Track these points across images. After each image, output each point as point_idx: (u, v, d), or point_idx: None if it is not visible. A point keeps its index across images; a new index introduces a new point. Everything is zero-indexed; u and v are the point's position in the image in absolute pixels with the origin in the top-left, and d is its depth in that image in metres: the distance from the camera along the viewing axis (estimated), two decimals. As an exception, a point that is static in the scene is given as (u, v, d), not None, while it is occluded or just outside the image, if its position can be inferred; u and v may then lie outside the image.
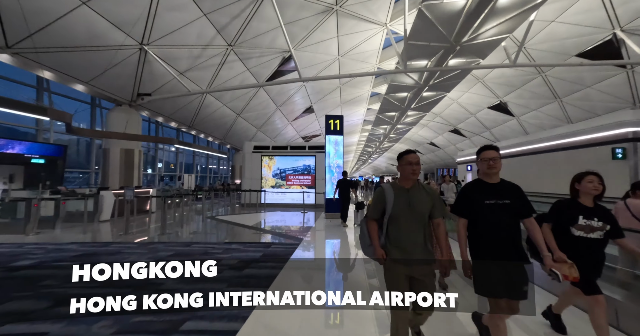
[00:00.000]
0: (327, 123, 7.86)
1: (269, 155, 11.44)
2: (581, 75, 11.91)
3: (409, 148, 2.52)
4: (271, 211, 9.85)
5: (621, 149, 8.18)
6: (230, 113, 15.51)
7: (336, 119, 7.99)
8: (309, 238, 5.29)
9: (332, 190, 7.82)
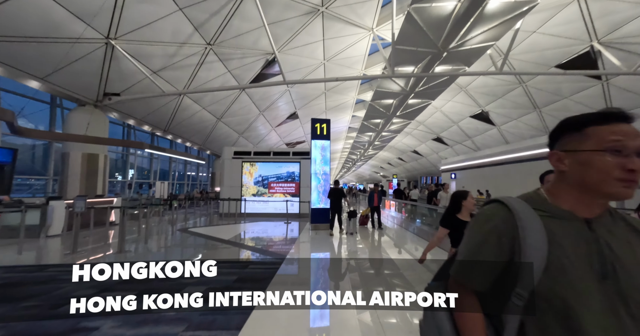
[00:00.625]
0: (313, 128, 7.34)
1: (250, 161, 10.71)
2: (559, 86, 12.18)
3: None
4: (252, 221, 9.05)
5: None
6: (210, 118, 14.67)
7: (323, 123, 7.49)
8: (293, 255, 4.65)
9: (318, 198, 7.23)
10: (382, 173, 46.11)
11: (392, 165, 38.73)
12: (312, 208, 7.26)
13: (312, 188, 7.22)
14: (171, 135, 15.07)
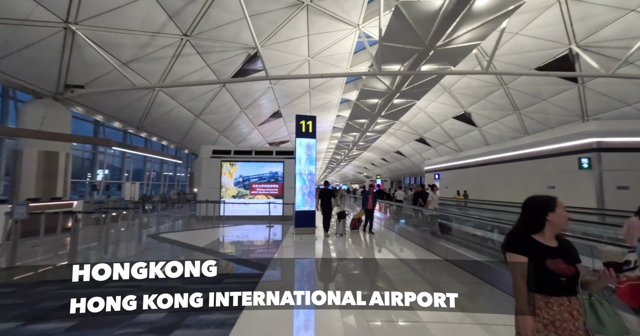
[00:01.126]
0: (297, 125, 6.87)
1: (230, 161, 10.05)
2: (539, 89, 12.42)
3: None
4: (232, 225, 8.42)
5: (587, 159, 8.34)
6: (187, 115, 13.82)
7: (308, 120, 7.03)
8: (275, 270, 4.04)
9: (303, 200, 6.77)
10: (366, 173, 46.30)
11: (375, 166, 38.90)
12: (297, 210, 6.79)
13: (297, 190, 6.76)
14: (145, 133, 14.07)
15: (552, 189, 9.38)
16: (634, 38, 8.63)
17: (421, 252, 5.52)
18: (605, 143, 8.26)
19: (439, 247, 5.18)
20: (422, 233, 6.39)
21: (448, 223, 6.16)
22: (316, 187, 26.90)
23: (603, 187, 7.92)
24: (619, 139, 8.18)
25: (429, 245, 5.60)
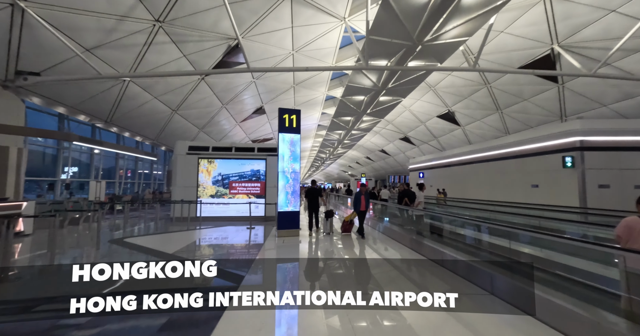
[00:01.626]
0: (280, 119, 6.36)
1: (208, 158, 9.40)
2: (521, 88, 12.55)
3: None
4: (209, 227, 7.79)
5: (570, 158, 8.40)
6: (163, 109, 12.92)
7: (292, 114, 6.54)
8: (255, 276, 3.53)
9: (286, 200, 6.29)
10: (350, 172, 46.28)
11: (360, 164, 38.90)
12: (280, 211, 6.30)
13: (279, 189, 6.27)
14: (117, 128, 13.03)
15: (536, 188, 9.45)
16: (612, 39, 8.77)
17: (406, 251, 5.40)
18: (587, 142, 8.36)
19: (425, 247, 5.03)
20: (408, 233, 6.25)
21: (439, 223, 5.89)
22: (301, 186, 26.34)
23: (585, 185, 8.01)
24: (600, 138, 8.29)
25: (415, 245, 5.46)
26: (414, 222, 6.54)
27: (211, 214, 9.01)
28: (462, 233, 4.92)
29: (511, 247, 3.41)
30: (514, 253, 3.42)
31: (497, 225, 3.94)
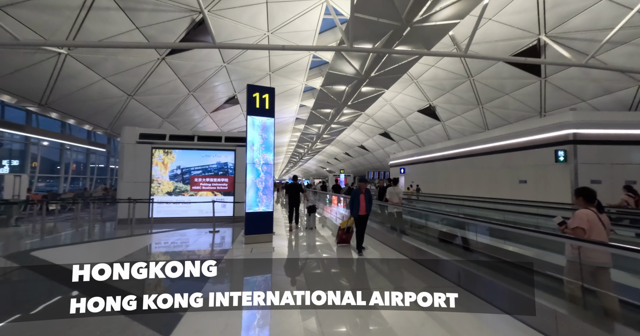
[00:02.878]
0: (249, 98, 5.10)
1: (164, 148, 7.94)
2: (503, 82, 12.21)
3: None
4: (161, 231, 6.36)
5: (563, 151, 7.98)
6: (116, 93, 11.06)
7: (264, 92, 5.30)
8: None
9: (255, 198, 5.10)
10: (329, 168, 45.50)
11: (338, 160, 38.18)
12: (248, 212, 5.10)
13: (248, 184, 5.06)
14: (57, 114, 10.97)
15: (524, 184, 9.03)
16: (600, 30, 8.44)
17: (386, 250, 5.08)
18: (581, 135, 7.98)
19: (403, 245, 4.86)
20: (388, 231, 5.86)
21: (418, 220, 5.46)
22: (277, 181, 25.09)
23: (578, 181, 7.64)
24: (594, 131, 7.95)
25: (394, 243, 5.23)
26: (389, 218, 6.26)
27: (169, 215, 7.53)
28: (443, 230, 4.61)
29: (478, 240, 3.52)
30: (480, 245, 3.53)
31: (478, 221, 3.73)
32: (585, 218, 2.51)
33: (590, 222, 2.49)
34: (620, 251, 2.13)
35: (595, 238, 2.43)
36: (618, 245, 2.15)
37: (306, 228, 7.53)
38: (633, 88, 9.48)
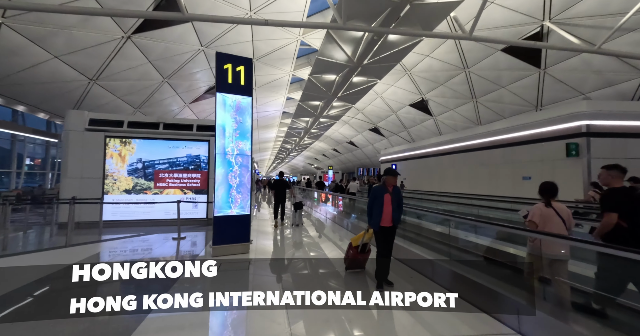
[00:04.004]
0: (219, 71, 3.91)
1: (121, 137, 6.51)
2: (500, 74, 11.50)
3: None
4: (110, 238, 4.98)
5: (575, 145, 7.20)
6: (74, 76, 9.51)
7: (238, 63, 4.10)
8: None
9: (227, 198, 3.96)
10: (317, 165, 44.44)
11: (326, 157, 37.16)
12: (217, 216, 3.95)
13: (217, 180, 3.88)
14: (2, 99, 9.30)
15: (528, 181, 8.29)
16: (608, 15, 7.74)
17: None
18: (595, 127, 7.24)
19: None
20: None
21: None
22: (264, 178, 23.56)
23: (591, 177, 6.92)
24: (608, 122, 7.21)
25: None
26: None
27: (127, 217, 6.18)
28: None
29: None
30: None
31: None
32: (538, 212, 2.55)
33: (543, 216, 2.52)
34: (567, 241, 2.17)
35: (551, 231, 2.42)
36: (562, 235, 2.17)
37: (292, 225, 7.34)
38: (636, 80, 8.92)
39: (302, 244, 5.16)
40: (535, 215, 2.54)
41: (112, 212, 6.12)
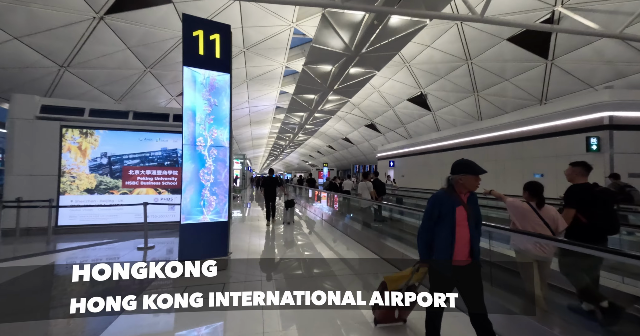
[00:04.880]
0: (187, 38, 2.96)
1: (81, 127, 5.47)
2: (504, 66, 10.78)
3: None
4: (62, 250, 3.99)
5: (596, 139, 6.49)
6: (40, 61, 8.43)
7: (213, 31, 3.14)
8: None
9: (198, 200, 3.10)
10: (311, 162, 43.57)
11: (321, 154, 36.31)
12: (184, 224, 3.06)
13: (185, 178, 2.99)
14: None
15: (541, 178, 7.59)
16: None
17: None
18: (618, 119, 6.53)
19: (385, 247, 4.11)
20: (374, 235, 4.85)
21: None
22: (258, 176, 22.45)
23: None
24: (633, 114, 6.48)
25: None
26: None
27: (89, 221, 5.20)
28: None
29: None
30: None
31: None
32: (517, 211, 2.52)
33: (520, 215, 2.48)
34: (548, 241, 2.18)
35: (530, 230, 2.40)
36: (539, 235, 2.20)
37: (284, 223, 7.28)
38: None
39: (294, 254, 4.46)
40: (516, 209, 2.49)
41: (69, 216, 5.16)
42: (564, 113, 7.53)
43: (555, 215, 2.43)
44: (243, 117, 20.29)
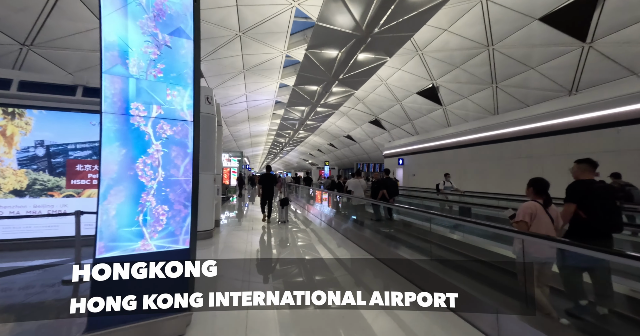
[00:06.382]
0: None
1: (6, 105, 3.80)
2: (531, 51, 9.40)
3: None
4: None
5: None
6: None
7: None
8: None
9: (133, 211, 1.75)
10: (311, 160, 42.11)
11: (322, 152, 34.87)
12: (100, 258, 1.55)
13: (108, 175, 1.65)
14: None
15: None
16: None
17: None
18: None
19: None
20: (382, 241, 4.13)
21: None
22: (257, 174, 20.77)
23: None
24: None
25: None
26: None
27: (20, 235, 3.74)
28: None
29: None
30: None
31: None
32: (529, 211, 2.33)
33: (533, 215, 2.30)
34: (561, 244, 2.00)
35: (541, 232, 2.23)
36: (557, 239, 2.01)
37: (279, 222, 7.24)
38: None
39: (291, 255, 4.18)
40: (526, 214, 2.24)
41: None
42: (627, 98, 6.09)
43: (558, 215, 2.34)
44: (241, 112, 18.84)
